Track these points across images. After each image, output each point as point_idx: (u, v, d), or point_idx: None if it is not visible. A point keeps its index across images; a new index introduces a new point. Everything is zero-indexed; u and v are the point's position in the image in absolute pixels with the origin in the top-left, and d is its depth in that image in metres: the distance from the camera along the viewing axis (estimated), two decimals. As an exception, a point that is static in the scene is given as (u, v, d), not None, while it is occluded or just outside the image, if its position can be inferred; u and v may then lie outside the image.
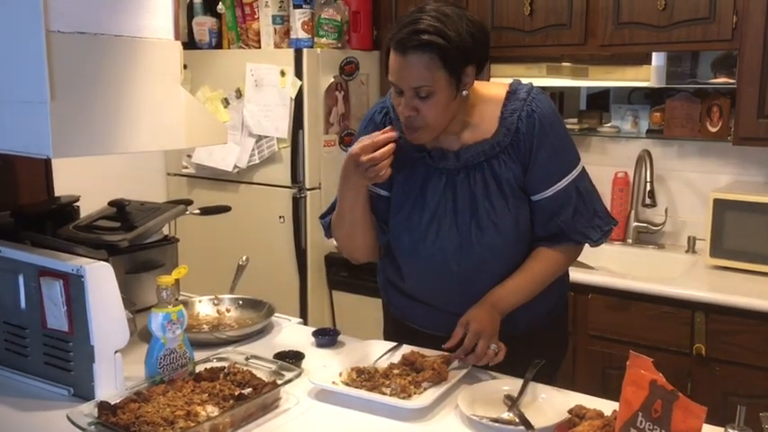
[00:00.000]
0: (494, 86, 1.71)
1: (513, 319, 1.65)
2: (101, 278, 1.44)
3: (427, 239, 1.67)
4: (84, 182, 2.41)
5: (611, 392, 1.46)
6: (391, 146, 1.56)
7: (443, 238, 1.66)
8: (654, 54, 2.96)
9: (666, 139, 2.92)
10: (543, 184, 1.64)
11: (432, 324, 1.74)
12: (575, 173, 1.66)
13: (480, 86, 1.66)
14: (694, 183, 2.92)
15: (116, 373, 1.47)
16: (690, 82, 2.96)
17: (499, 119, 1.63)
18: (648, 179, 2.86)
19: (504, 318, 1.63)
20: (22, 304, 1.54)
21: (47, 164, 2.34)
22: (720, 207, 2.53)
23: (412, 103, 1.53)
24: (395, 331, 1.84)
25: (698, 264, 2.68)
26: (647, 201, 2.84)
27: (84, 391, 1.46)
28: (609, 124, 3.10)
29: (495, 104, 1.64)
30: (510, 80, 1.71)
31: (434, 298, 1.73)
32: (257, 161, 3.20)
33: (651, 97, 3.05)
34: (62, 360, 1.50)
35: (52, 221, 1.99)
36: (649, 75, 3.04)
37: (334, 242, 1.86)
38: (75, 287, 1.44)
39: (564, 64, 3.18)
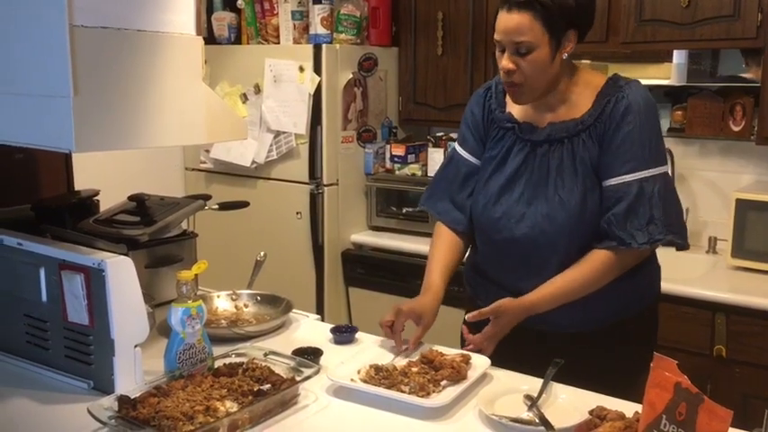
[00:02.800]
0: (597, 75, 1.74)
1: (586, 311, 1.66)
2: (121, 272, 1.45)
3: (497, 203, 1.72)
4: (102, 176, 2.42)
5: (630, 393, 1.45)
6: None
7: (511, 203, 1.70)
8: (675, 52, 2.93)
9: (688, 137, 2.89)
10: (610, 171, 1.62)
11: None
12: (646, 173, 1.61)
13: (584, 72, 1.72)
14: (716, 182, 2.88)
15: (136, 367, 1.47)
16: (711, 80, 2.93)
17: (593, 102, 1.66)
18: (669, 178, 2.83)
19: (578, 308, 1.65)
20: (44, 297, 1.55)
21: (67, 158, 2.36)
22: (743, 207, 2.50)
23: (512, 59, 1.61)
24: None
25: (719, 264, 2.66)
26: (668, 200, 2.81)
27: (103, 385, 1.47)
28: (629, 122, 3.07)
29: (593, 88, 1.68)
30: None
31: (499, 270, 1.76)
32: (275, 157, 3.20)
33: (671, 95, 3.01)
34: (82, 353, 1.51)
35: (72, 215, 2.00)
36: (670, 72, 3.01)
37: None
38: (95, 281, 1.44)
39: (584, 61, 3.15)
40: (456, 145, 1.88)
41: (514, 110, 1.75)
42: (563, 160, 1.66)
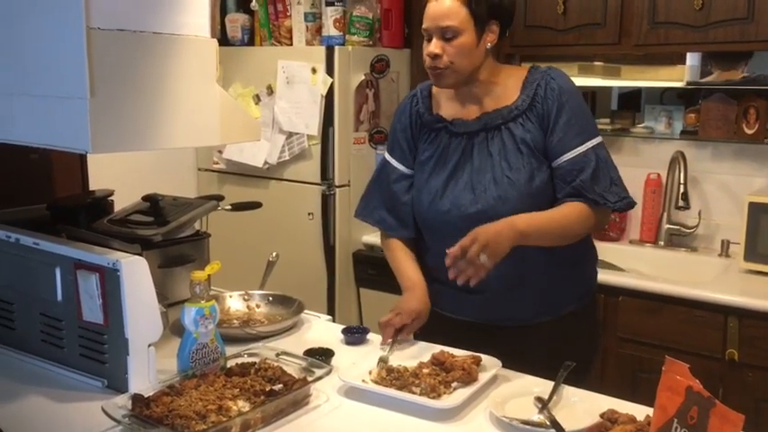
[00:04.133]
0: (517, 67, 1.91)
1: (541, 303, 1.74)
2: (136, 272, 1.46)
3: (443, 196, 1.77)
4: (116, 176, 2.44)
5: (641, 396, 1.44)
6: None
7: (458, 193, 1.75)
8: (688, 54, 2.91)
9: (701, 140, 2.88)
10: (565, 146, 1.71)
11: (456, 308, 1.81)
12: (594, 141, 1.74)
13: (505, 67, 1.84)
14: (729, 185, 2.87)
15: (149, 366, 1.49)
16: (723, 83, 2.91)
17: (520, 89, 1.76)
18: (682, 181, 2.82)
19: (532, 301, 1.74)
20: (59, 296, 1.56)
21: (82, 158, 2.38)
22: (755, 211, 2.49)
23: (439, 44, 1.70)
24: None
25: (731, 268, 2.64)
26: (680, 203, 2.80)
27: (118, 384, 1.48)
28: (642, 125, 3.06)
29: (517, 78, 1.78)
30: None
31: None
32: (287, 158, 3.22)
33: (684, 97, 3.00)
34: (97, 352, 1.52)
35: (87, 215, 2.01)
36: (683, 75, 3.00)
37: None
38: (110, 281, 1.46)
39: (596, 63, 3.15)
40: (386, 154, 1.95)
41: (442, 111, 1.83)
42: (504, 144, 1.73)
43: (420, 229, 1.87)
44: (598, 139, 1.75)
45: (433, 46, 1.70)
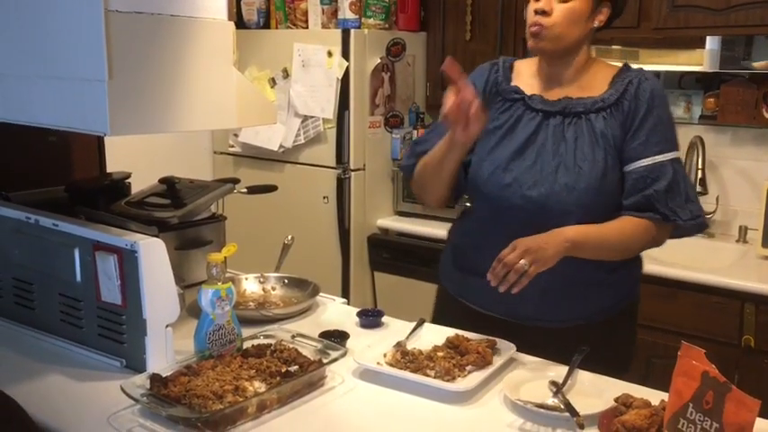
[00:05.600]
0: (609, 64, 1.75)
1: (579, 308, 1.66)
2: (153, 254, 1.47)
3: (507, 169, 1.66)
4: (133, 159, 2.45)
5: (656, 382, 1.45)
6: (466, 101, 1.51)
7: (523, 170, 1.65)
8: (708, 38, 2.88)
9: (720, 125, 2.85)
10: (645, 151, 1.62)
11: (486, 301, 1.71)
12: (675, 153, 1.64)
13: (598, 60, 1.74)
14: (748, 171, 2.84)
15: (167, 347, 1.50)
16: (744, 66, 2.88)
17: (610, 83, 1.67)
18: (700, 166, 2.80)
19: (564, 304, 1.64)
20: (78, 277, 1.58)
21: (100, 141, 2.39)
22: (775, 196, 2.47)
23: (550, 2, 1.60)
24: (447, 311, 1.84)
25: (749, 254, 2.63)
26: (698, 188, 2.78)
27: (136, 363, 1.50)
28: (660, 109, 3.03)
29: (607, 72, 1.70)
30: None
31: (494, 245, 1.56)
32: (302, 141, 3.22)
33: (703, 82, 2.97)
34: (115, 332, 1.54)
35: (105, 197, 2.03)
36: (703, 59, 2.96)
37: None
38: (128, 262, 1.47)
39: (614, 47, 3.12)
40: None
41: (521, 84, 1.74)
42: (582, 133, 1.64)
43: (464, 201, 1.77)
44: (678, 154, 1.65)
45: (544, 2, 1.60)
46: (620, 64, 1.73)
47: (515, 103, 1.72)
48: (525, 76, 1.75)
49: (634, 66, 1.73)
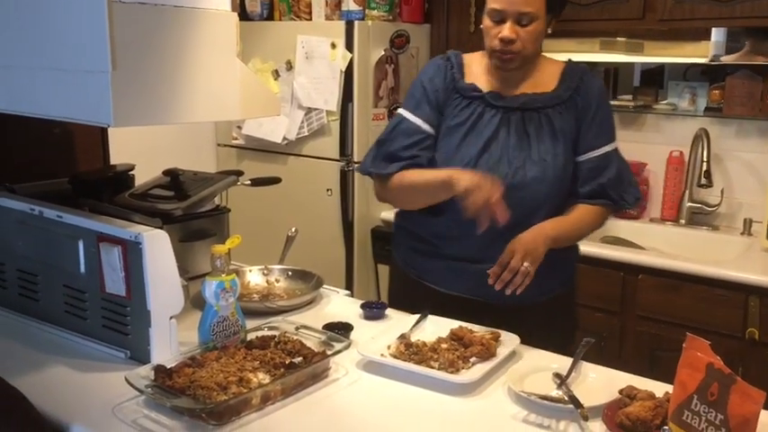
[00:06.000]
0: (553, 58, 1.87)
1: (536, 284, 1.69)
2: (157, 246, 1.47)
3: (477, 165, 1.74)
4: (136, 151, 2.45)
5: (659, 374, 1.45)
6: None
7: (493, 165, 1.74)
8: (713, 30, 2.86)
9: (725, 117, 2.83)
10: (596, 143, 1.79)
11: (451, 282, 1.81)
12: (616, 143, 1.84)
13: (543, 55, 1.85)
14: (753, 163, 2.83)
15: (171, 338, 1.51)
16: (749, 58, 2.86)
17: (559, 78, 1.80)
18: (705, 159, 2.78)
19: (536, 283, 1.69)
20: (82, 269, 1.58)
21: (103, 132, 2.39)
22: (780, 189, 2.46)
23: (514, 29, 1.69)
24: (405, 292, 1.92)
25: (753, 247, 2.62)
26: (703, 181, 2.77)
27: (140, 355, 1.50)
28: (665, 101, 3.02)
29: (555, 67, 1.83)
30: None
31: (462, 239, 1.77)
32: (306, 133, 3.22)
33: (708, 74, 2.95)
34: (120, 324, 1.54)
35: (108, 189, 2.03)
36: (708, 51, 2.94)
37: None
38: (132, 253, 1.47)
39: (618, 39, 3.10)
40: (404, 112, 1.84)
41: (475, 80, 1.81)
42: (542, 127, 1.76)
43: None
44: (617, 143, 1.84)
45: (508, 30, 1.69)
46: (563, 60, 1.85)
47: (474, 101, 1.80)
48: (477, 72, 1.83)
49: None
